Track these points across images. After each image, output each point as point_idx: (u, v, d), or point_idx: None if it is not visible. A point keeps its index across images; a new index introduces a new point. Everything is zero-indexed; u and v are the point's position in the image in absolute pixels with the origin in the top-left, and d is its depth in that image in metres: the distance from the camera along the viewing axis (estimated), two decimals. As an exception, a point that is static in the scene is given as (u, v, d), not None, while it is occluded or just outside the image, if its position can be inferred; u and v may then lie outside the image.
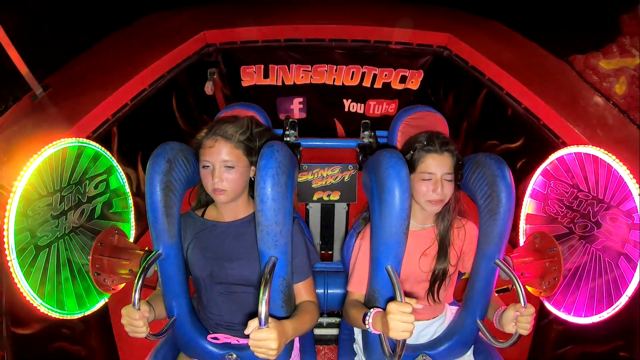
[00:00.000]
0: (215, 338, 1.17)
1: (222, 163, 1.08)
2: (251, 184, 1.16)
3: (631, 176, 1.10)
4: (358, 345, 1.35)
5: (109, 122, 1.48)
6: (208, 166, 1.09)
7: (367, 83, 2.37)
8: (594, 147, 1.21)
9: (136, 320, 0.99)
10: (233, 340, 1.19)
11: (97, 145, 1.34)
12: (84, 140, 1.28)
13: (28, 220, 1.09)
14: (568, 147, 1.30)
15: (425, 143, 1.16)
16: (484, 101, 1.96)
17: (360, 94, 2.44)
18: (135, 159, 1.70)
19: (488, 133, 1.99)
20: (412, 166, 1.15)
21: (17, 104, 1.38)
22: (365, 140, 1.65)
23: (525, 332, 1.05)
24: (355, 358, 1.36)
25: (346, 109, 2.55)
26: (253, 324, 0.91)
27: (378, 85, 2.37)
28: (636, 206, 1.09)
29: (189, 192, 1.22)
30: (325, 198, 1.71)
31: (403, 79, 2.34)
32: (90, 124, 1.40)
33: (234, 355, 1.18)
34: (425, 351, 1.24)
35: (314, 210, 1.82)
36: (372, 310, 1.05)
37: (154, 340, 1.10)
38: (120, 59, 1.75)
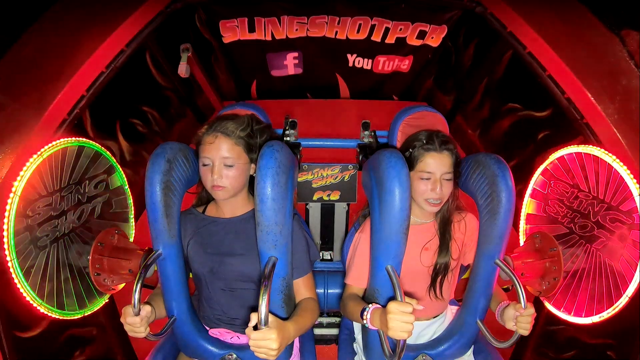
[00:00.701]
0: (215, 334, 1.18)
1: (222, 160, 1.08)
2: (251, 181, 1.16)
3: (631, 176, 1.10)
4: (358, 345, 1.35)
5: (84, 98, 1.32)
6: (208, 163, 1.09)
7: (376, 37, 1.99)
8: (595, 147, 1.21)
9: (135, 321, 0.99)
10: (234, 335, 1.19)
11: (97, 145, 1.34)
12: (84, 140, 1.28)
13: (28, 220, 1.09)
14: (568, 147, 1.30)
15: (424, 141, 1.16)
16: (511, 60, 1.70)
17: (368, 48, 2.07)
18: (114, 129, 1.59)
19: (511, 94, 1.75)
20: (410, 164, 1.15)
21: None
22: (365, 140, 1.65)
23: (525, 333, 1.05)
24: (355, 358, 1.36)
25: (350, 64, 2.20)
26: (255, 317, 0.91)
27: (390, 40, 2.00)
28: (636, 206, 1.09)
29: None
30: (325, 198, 1.71)
31: (422, 35, 1.97)
32: (64, 105, 1.27)
33: (234, 355, 1.18)
34: (425, 351, 1.24)
35: (314, 210, 1.82)
36: (370, 305, 1.05)
37: (154, 340, 1.10)
38: (71, 36, 1.40)
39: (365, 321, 1.04)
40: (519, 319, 1.05)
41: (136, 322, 0.99)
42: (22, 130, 1.13)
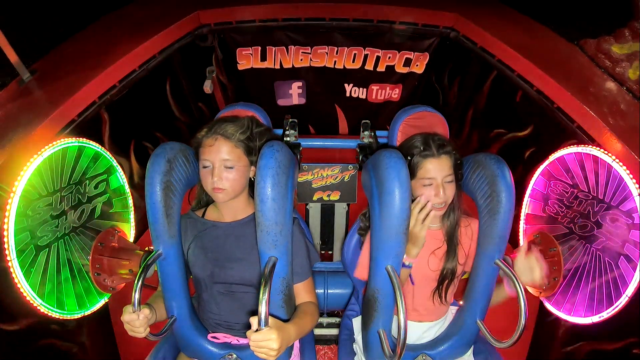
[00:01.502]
0: (215, 337, 1.17)
1: (222, 162, 1.08)
2: (251, 184, 1.16)
3: (631, 176, 1.10)
4: (358, 345, 1.35)
5: (95, 104, 1.41)
6: (208, 165, 1.09)
7: (369, 66, 2.27)
8: (594, 147, 1.21)
9: (132, 318, 0.98)
10: (233, 339, 1.19)
11: (97, 145, 1.34)
12: (84, 140, 1.28)
13: (28, 220, 1.09)
14: (568, 147, 1.31)
15: (422, 148, 1.15)
16: (491, 88, 1.90)
17: (363, 77, 2.35)
18: (128, 148, 1.66)
19: (495, 121, 1.93)
20: (411, 172, 1.15)
21: (4, 89, 1.36)
22: (365, 140, 1.65)
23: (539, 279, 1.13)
24: (355, 358, 1.36)
25: (348, 94, 2.46)
26: (255, 320, 0.90)
27: (381, 68, 2.28)
28: (636, 206, 1.09)
29: (188, 192, 1.22)
30: (325, 198, 1.71)
31: (407, 62, 2.25)
32: (75, 106, 1.34)
33: (234, 355, 1.18)
34: (425, 351, 1.24)
35: (314, 210, 1.82)
36: None
37: (154, 340, 1.09)
38: (110, 42, 1.67)
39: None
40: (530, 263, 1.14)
41: (133, 318, 0.98)
42: (30, 124, 1.16)
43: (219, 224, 1.18)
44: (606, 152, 1.17)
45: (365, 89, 2.42)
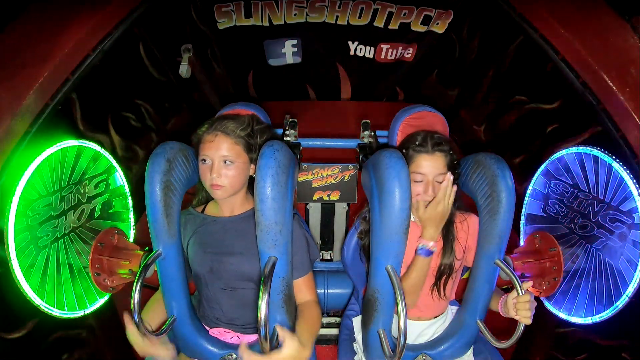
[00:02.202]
0: (215, 334, 1.18)
1: (222, 158, 1.08)
2: (250, 181, 1.16)
3: (631, 176, 1.10)
4: (358, 345, 1.35)
5: (69, 81, 1.28)
6: (207, 161, 1.09)
7: (379, 22, 1.91)
8: (594, 147, 1.21)
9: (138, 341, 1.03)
10: (234, 335, 1.19)
11: (97, 145, 1.34)
12: (84, 140, 1.28)
13: (28, 220, 1.09)
14: (568, 147, 1.30)
15: (417, 143, 1.16)
16: (518, 49, 1.65)
17: (370, 35, 2.00)
18: (106, 123, 1.54)
19: (518, 86, 1.71)
20: None
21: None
22: (365, 140, 1.65)
23: (526, 320, 1.05)
24: (355, 358, 1.36)
25: (352, 52, 2.11)
26: (280, 331, 0.96)
27: (394, 25, 1.92)
28: (636, 206, 1.09)
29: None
30: (325, 198, 1.71)
31: (427, 20, 1.88)
32: (47, 88, 1.22)
33: (234, 355, 1.18)
34: (425, 351, 1.24)
35: (314, 210, 1.82)
36: None
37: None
38: (52, 29, 1.35)
39: None
40: (517, 306, 1.06)
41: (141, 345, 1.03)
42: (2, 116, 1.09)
43: (218, 219, 1.19)
44: (606, 152, 1.17)
45: (372, 48, 2.08)
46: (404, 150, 1.17)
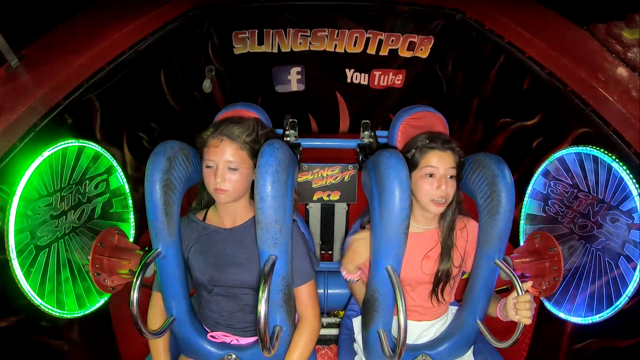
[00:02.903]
0: (214, 337, 1.17)
1: (226, 163, 1.08)
2: (253, 187, 1.16)
3: (631, 176, 1.10)
4: (358, 345, 1.35)
5: (83, 87, 1.34)
6: (212, 165, 1.09)
7: (371, 50, 2.17)
8: (594, 147, 1.21)
9: None
10: (233, 338, 1.19)
11: (97, 145, 1.34)
12: (84, 140, 1.28)
13: (28, 220, 1.09)
14: (568, 147, 1.30)
15: (427, 141, 1.16)
16: (498, 75, 1.81)
17: (364, 62, 2.24)
18: (121, 138, 1.60)
19: (501, 110, 1.84)
20: (413, 165, 1.15)
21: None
22: (365, 140, 1.65)
23: (526, 320, 1.06)
24: (355, 358, 1.36)
25: (349, 80, 2.35)
26: None
27: (384, 52, 2.17)
28: (636, 206, 1.09)
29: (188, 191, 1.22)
30: (325, 198, 1.71)
31: (411, 46, 2.14)
32: (60, 88, 1.28)
33: (234, 356, 1.18)
34: (425, 351, 1.24)
35: (314, 210, 1.82)
36: None
37: (153, 339, 1.10)
38: (100, 25, 1.58)
39: None
40: (517, 306, 1.06)
41: None
42: (15, 109, 1.11)
43: (220, 230, 1.18)
44: (606, 152, 1.17)
45: (367, 75, 2.32)
46: (412, 150, 1.17)
